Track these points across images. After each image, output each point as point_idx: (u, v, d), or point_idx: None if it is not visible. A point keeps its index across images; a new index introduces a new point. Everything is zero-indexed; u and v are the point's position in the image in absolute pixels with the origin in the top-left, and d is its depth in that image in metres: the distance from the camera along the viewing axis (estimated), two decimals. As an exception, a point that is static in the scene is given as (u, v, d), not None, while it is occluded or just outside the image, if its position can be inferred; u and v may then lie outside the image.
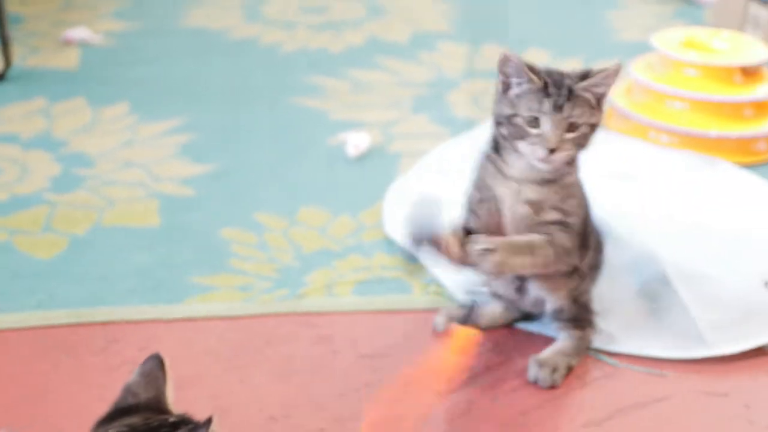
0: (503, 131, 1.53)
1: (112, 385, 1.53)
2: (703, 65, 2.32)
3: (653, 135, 2.33)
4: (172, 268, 1.84)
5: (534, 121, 1.49)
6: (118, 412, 1.05)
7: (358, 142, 2.27)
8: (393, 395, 1.55)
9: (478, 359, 1.63)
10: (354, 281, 1.82)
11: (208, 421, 1.00)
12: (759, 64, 2.35)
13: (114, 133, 2.32)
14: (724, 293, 1.71)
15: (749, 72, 2.34)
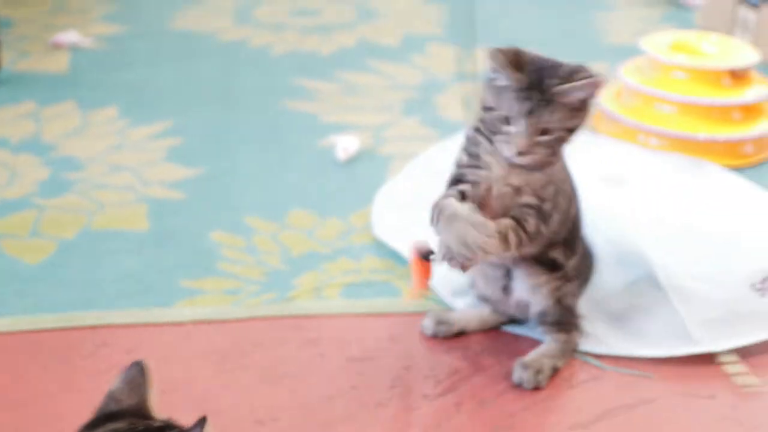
0: (485, 118, 1.53)
1: (101, 389, 1.53)
2: (692, 68, 2.33)
3: (642, 138, 2.34)
4: (160, 271, 1.84)
5: (508, 120, 1.49)
6: (102, 418, 1.05)
7: (347, 145, 2.27)
8: (380, 398, 1.55)
9: (465, 362, 1.63)
10: (342, 284, 1.82)
11: (202, 421, 0.99)
12: (747, 67, 2.36)
13: (103, 137, 2.32)
14: (711, 294, 1.72)
15: (738, 75, 2.35)
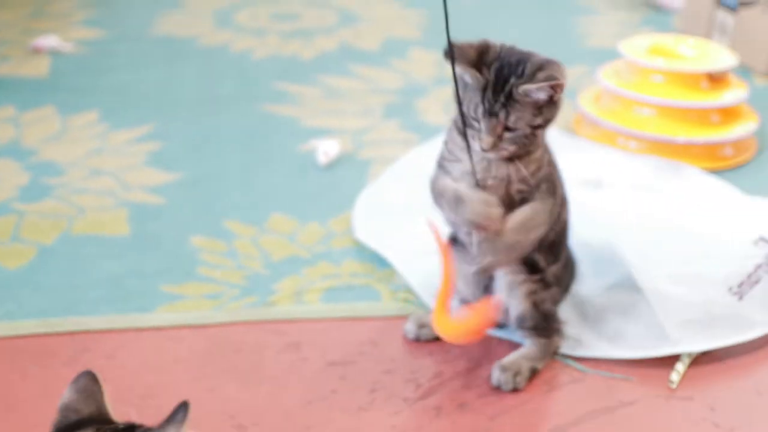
0: (457, 112, 1.52)
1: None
2: (670, 72, 2.34)
3: (622, 141, 2.35)
4: (141, 276, 1.84)
5: (474, 116, 1.49)
6: (64, 430, 1.04)
7: (328, 149, 2.27)
8: (361, 402, 1.56)
9: (446, 366, 1.64)
10: (323, 288, 1.82)
11: (183, 405, 0.98)
12: (725, 70, 2.37)
13: (83, 142, 2.32)
14: (688, 297, 1.72)
15: (715, 78, 2.36)
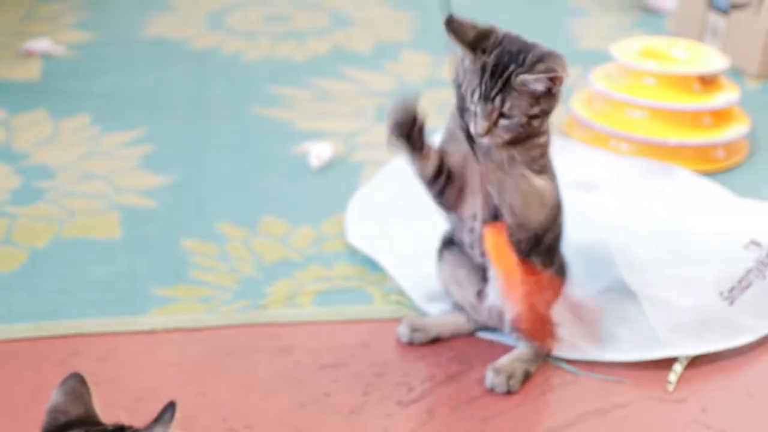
0: (456, 94, 1.52)
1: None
2: (662, 74, 2.34)
3: (613, 144, 2.35)
4: (133, 280, 1.84)
5: (470, 99, 1.49)
6: (53, 431, 1.04)
7: (320, 151, 2.27)
8: (353, 405, 1.55)
9: (439, 368, 1.64)
10: (315, 291, 1.82)
11: (171, 406, 0.98)
12: (717, 72, 2.37)
13: (75, 145, 2.31)
14: (680, 301, 1.72)
15: (707, 81, 2.36)
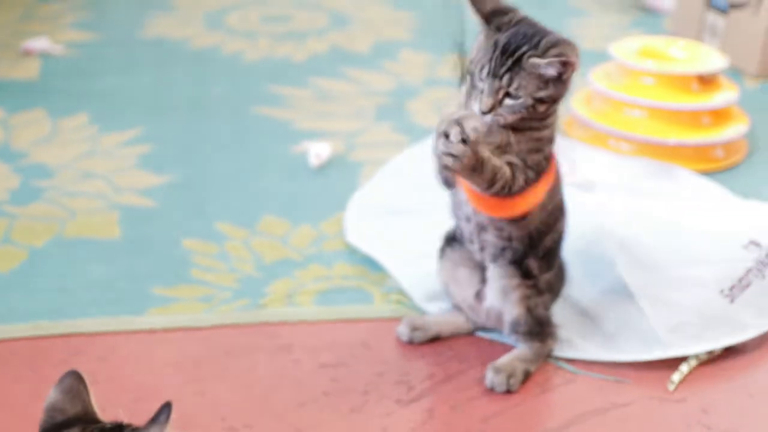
0: (468, 69, 1.51)
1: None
2: (660, 74, 2.34)
3: (613, 143, 2.35)
4: (132, 279, 1.83)
5: (479, 75, 1.49)
6: (51, 430, 1.04)
7: (319, 151, 2.27)
8: (353, 404, 1.55)
9: (438, 368, 1.64)
10: (315, 291, 1.82)
11: (167, 406, 0.98)
12: (715, 72, 2.38)
13: (74, 144, 2.31)
14: (680, 300, 1.72)
15: (706, 80, 2.36)
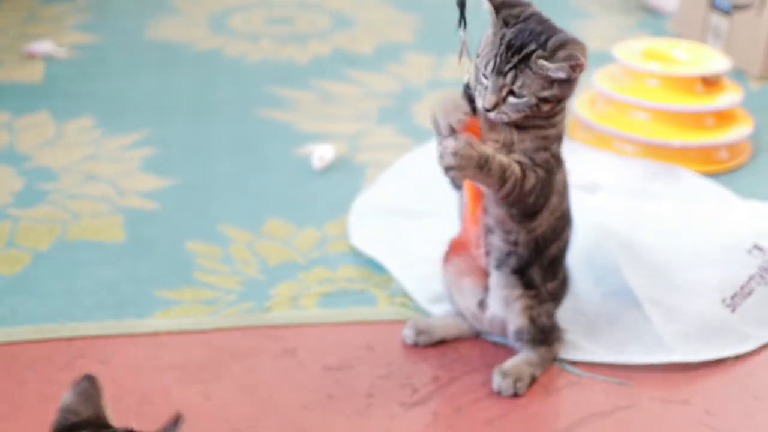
0: (475, 64, 1.50)
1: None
2: (664, 75, 2.34)
3: (617, 145, 2.35)
4: (136, 282, 1.84)
5: (483, 70, 1.48)
6: (62, 430, 1.05)
7: (323, 153, 2.27)
8: (357, 407, 1.55)
9: (442, 370, 1.64)
10: (319, 293, 1.82)
11: (177, 419, 0.99)
12: (719, 73, 2.37)
13: (78, 147, 2.32)
14: (683, 308, 1.72)
15: (710, 82, 2.36)
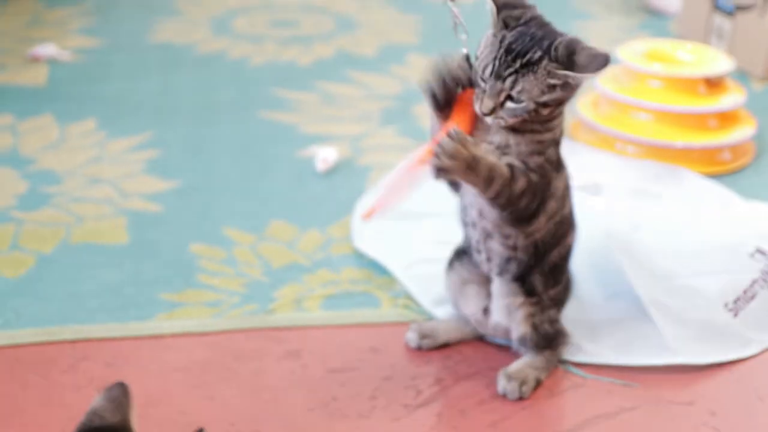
0: (475, 66, 1.49)
1: (80, 404, 1.52)
2: (667, 77, 2.34)
3: (620, 146, 2.35)
4: (140, 284, 1.84)
5: (482, 74, 1.46)
6: (85, 431, 1.06)
7: (326, 155, 2.27)
8: (361, 409, 1.55)
9: (446, 372, 1.64)
10: (323, 296, 1.82)
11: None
12: (722, 74, 2.37)
13: (81, 150, 2.32)
14: (686, 312, 1.71)
15: (713, 83, 2.36)
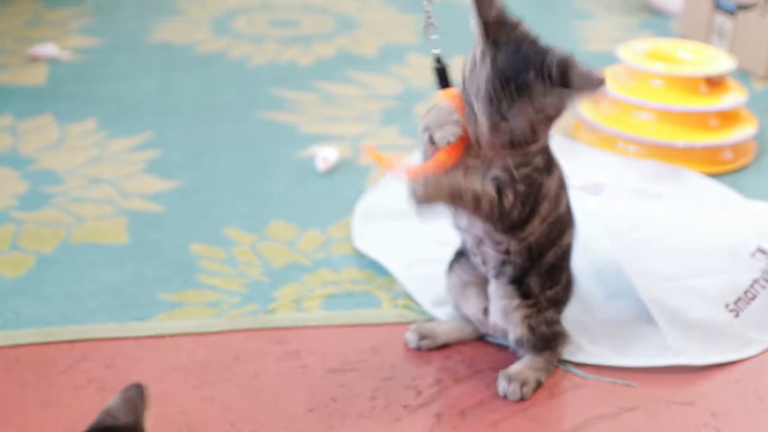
0: (463, 81, 1.47)
1: (79, 405, 1.53)
2: (669, 76, 2.34)
3: (621, 146, 2.35)
4: (140, 285, 1.83)
5: (474, 95, 1.45)
6: (97, 431, 1.06)
7: (326, 155, 2.27)
8: (361, 410, 1.55)
9: (446, 373, 1.63)
10: (323, 296, 1.81)
11: None
12: (723, 74, 2.37)
13: (82, 150, 2.31)
14: (687, 313, 1.71)
15: (714, 82, 2.36)
